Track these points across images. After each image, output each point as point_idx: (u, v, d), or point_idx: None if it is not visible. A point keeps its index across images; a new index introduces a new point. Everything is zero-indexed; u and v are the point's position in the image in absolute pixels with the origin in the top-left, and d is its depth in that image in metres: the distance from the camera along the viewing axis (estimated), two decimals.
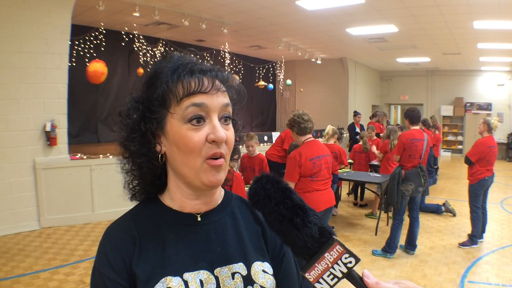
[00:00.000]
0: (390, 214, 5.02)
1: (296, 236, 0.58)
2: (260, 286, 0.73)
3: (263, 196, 0.62)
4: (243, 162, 4.63)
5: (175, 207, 0.74)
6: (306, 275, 0.57)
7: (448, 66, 12.63)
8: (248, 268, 0.73)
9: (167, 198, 0.76)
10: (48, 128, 4.95)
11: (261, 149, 5.40)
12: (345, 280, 0.57)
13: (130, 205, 0.79)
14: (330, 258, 0.56)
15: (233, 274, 0.71)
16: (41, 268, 3.70)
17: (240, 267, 0.73)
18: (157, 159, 0.72)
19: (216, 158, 0.69)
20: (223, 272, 0.71)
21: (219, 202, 0.79)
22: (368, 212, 5.85)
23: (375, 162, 6.23)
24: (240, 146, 6.87)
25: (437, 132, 8.24)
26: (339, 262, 0.56)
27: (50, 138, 4.98)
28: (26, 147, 4.86)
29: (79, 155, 5.49)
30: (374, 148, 5.97)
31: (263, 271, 0.75)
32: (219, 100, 0.70)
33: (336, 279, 0.56)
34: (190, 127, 0.67)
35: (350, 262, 0.56)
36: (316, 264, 0.56)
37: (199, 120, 0.67)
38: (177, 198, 0.74)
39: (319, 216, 0.60)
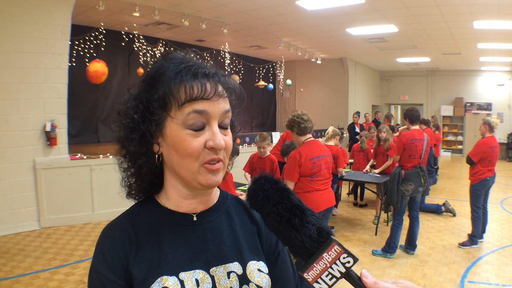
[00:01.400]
0: (390, 214, 5.02)
1: (294, 236, 0.58)
2: (256, 285, 0.73)
3: (262, 197, 0.62)
4: (252, 162, 4.55)
5: (171, 207, 0.75)
6: (305, 275, 0.57)
7: (448, 66, 12.63)
8: (244, 267, 0.74)
9: (163, 198, 0.76)
10: (48, 128, 4.95)
11: None
12: (343, 280, 0.57)
13: (130, 205, 0.79)
14: (329, 258, 0.56)
15: (228, 274, 0.72)
16: (41, 268, 3.70)
17: (235, 267, 0.73)
18: (155, 159, 0.72)
19: (214, 163, 0.69)
20: (218, 271, 0.71)
21: (215, 202, 0.79)
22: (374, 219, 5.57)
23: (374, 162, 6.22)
24: (244, 146, 6.88)
25: (437, 132, 8.24)
26: (338, 262, 0.56)
27: (50, 138, 4.98)
28: (26, 147, 4.86)
29: (79, 155, 5.49)
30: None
31: (259, 270, 0.75)
32: (220, 106, 0.69)
33: (334, 279, 0.57)
34: (190, 133, 0.67)
35: (348, 262, 0.56)
36: (315, 264, 0.57)
37: (199, 126, 0.68)
38: (173, 198, 0.74)
39: (317, 216, 0.60)
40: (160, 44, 9.28)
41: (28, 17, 4.74)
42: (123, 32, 8.40)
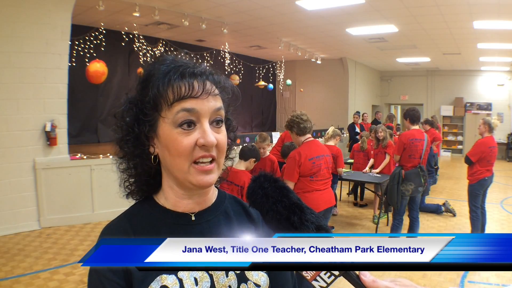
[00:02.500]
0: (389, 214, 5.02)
1: None
2: (254, 283, 0.74)
3: (261, 195, 0.62)
4: None
5: (169, 206, 0.75)
6: (304, 273, 0.57)
7: (448, 66, 12.63)
8: None
9: (161, 198, 0.77)
10: (48, 128, 4.95)
11: None
12: (342, 278, 0.57)
13: (130, 205, 0.80)
14: None
15: (227, 272, 0.72)
16: (41, 268, 3.70)
17: None
18: (151, 160, 0.73)
19: (207, 162, 0.70)
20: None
21: (213, 202, 0.80)
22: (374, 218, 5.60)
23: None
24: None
25: (437, 131, 8.22)
26: None
27: (50, 138, 4.98)
28: (26, 147, 4.86)
29: (79, 155, 5.49)
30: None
31: None
32: (210, 104, 0.70)
33: (333, 277, 0.57)
34: (180, 131, 0.68)
35: None
36: None
37: (189, 124, 0.68)
38: (171, 197, 0.75)
39: (316, 215, 0.60)
40: (160, 44, 9.28)
41: (28, 17, 4.74)
42: (123, 32, 8.40)
